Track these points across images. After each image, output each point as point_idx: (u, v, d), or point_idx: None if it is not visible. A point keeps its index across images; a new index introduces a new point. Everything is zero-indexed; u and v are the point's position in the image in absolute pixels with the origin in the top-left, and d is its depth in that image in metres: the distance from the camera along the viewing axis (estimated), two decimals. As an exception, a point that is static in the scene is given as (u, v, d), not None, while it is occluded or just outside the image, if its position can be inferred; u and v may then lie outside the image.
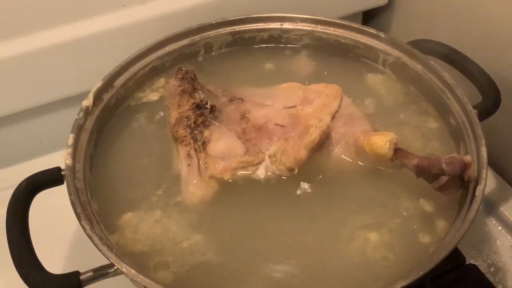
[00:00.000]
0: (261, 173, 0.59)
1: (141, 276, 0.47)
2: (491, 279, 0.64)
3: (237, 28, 0.77)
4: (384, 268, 0.53)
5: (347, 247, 0.54)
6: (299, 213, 0.57)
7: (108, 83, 0.67)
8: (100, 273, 0.50)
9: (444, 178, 0.53)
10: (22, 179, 0.56)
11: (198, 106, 0.65)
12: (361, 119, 0.64)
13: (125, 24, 0.76)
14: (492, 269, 0.67)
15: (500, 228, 0.71)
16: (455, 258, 0.65)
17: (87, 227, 0.50)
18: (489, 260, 0.68)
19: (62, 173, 0.56)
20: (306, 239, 0.55)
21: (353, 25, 0.74)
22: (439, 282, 0.62)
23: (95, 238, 0.49)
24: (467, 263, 0.66)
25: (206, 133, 0.63)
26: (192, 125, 0.63)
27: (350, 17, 0.92)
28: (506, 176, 0.77)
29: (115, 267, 0.49)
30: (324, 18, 0.76)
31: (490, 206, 0.73)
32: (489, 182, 0.73)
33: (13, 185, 0.56)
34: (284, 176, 0.59)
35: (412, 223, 0.56)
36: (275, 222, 0.57)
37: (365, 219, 0.57)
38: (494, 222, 0.72)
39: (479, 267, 0.65)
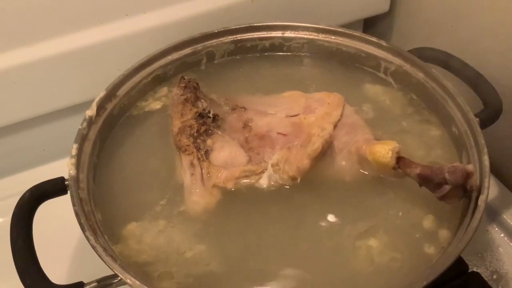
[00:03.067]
0: (264, 182, 0.59)
1: (145, 286, 0.47)
2: (494, 287, 0.64)
3: (239, 36, 0.77)
4: (397, 270, 0.53)
5: (357, 260, 0.54)
6: (303, 223, 0.57)
7: (111, 93, 0.67)
8: (104, 283, 0.50)
9: (446, 187, 0.53)
10: (25, 188, 0.56)
11: (201, 115, 0.65)
12: (364, 127, 0.64)
13: (127, 34, 0.76)
14: (495, 277, 0.67)
15: (502, 235, 0.71)
16: (458, 266, 0.64)
17: (91, 237, 0.50)
18: (491, 268, 0.68)
19: (66, 183, 0.57)
20: (312, 250, 0.55)
21: (354, 33, 0.75)
22: (442, 290, 0.63)
23: (99, 249, 0.49)
24: (470, 270, 0.65)
25: (209, 142, 0.63)
26: (195, 134, 0.63)
27: (351, 25, 0.92)
28: (509, 183, 0.77)
29: (119, 278, 0.49)
30: (326, 27, 0.76)
31: (493, 214, 0.73)
32: (491, 190, 0.73)
33: (16, 193, 0.56)
34: (287, 185, 0.59)
35: (415, 232, 0.56)
36: (278, 231, 0.57)
37: (368, 227, 0.57)
38: (496, 229, 0.72)
39: (482, 275, 0.65)
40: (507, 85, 0.72)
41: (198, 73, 0.76)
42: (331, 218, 0.58)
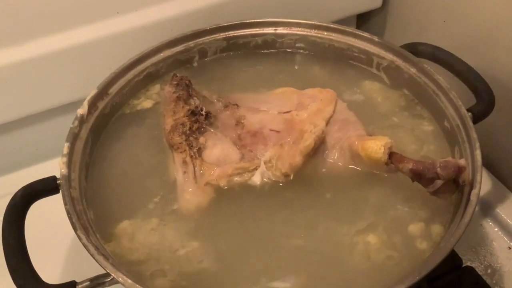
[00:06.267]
0: (256, 179, 0.59)
1: (137, 285, 0.46)
2: (488, 281, 0.64)
3: (231, 33, 0.77)
4: (393, 267, 0.53)
5: (351, 256, 0.54)
6: (296, 219, 0.57)
7: (103, 91, 0.67)
8: (97, 282, 0.50)
9: (439, 182, 0.53)
10: (18, 188, 0.56)
11: (193, 113, 0.65)
12: (356, 123, 0.64)
13: (119, 32, 0.76)
14: (489, 271, 0.67)
15: (496, 229, 0.71)
16: (452, 261, 0.65)
17: (83, 236, 0.50)
18: (486, 262, 0.68)
19: (58, 182, 0.56)
20: (305, 246, 0.55)
21: (346, 29, 0.75)
22: (436, 285, 0.62)
23: (91, 248, 0.49)
24: (464, 265, 0.66)
25: (202, 139, 0.63)
26: (188, 131, 0.63)
27: (344, 21, 0.92)
28: (502, 177, 0.77)
29: (112, 277, 0.49)
30: (318, 23, 0.76)
31: (487, 208, 0.73)
32: (485, 184, 0.74)
33: (9, 193, 0.56)
34: (280, 182, 0.59)
35: (407, 227, 0.56)
36: (272, 228, 0.57)
37: (361, 223, 0.57)
38: (490, 223, 0.72)
39: (476, 269, 0.65)
40: (499, 79, 0.72)
41: (190, 71, 0.76)
42: (324, 214, 0.58)
